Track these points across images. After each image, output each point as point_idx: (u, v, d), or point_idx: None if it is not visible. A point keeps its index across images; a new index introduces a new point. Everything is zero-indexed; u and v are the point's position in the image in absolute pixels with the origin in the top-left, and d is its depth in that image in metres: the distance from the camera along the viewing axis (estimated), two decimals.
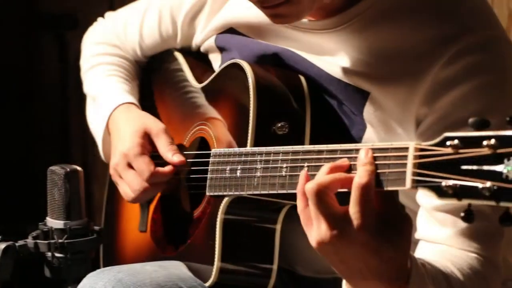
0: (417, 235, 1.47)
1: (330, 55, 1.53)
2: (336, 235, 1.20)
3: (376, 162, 1.21)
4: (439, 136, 1.32)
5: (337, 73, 1.51)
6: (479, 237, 1.41)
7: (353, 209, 1.20)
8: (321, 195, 1.21)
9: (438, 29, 1.43)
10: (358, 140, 1.51)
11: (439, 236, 1.43)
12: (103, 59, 1.86)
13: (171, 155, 1.64)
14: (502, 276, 1.45)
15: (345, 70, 1.50)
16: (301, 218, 1.25)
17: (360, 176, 1.20)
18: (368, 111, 1.49)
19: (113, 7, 1.97)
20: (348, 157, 1.26)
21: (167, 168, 1.64)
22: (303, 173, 1.27)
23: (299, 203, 1.25)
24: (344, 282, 1.30)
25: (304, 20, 1.53)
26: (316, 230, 1.22)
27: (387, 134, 1.49)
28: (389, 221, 1.21)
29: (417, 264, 1.27)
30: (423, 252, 1.44)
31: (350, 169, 1.25)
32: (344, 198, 1.23)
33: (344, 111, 1.52)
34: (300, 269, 1.67)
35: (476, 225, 1.31)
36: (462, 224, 1.41)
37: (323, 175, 1.23)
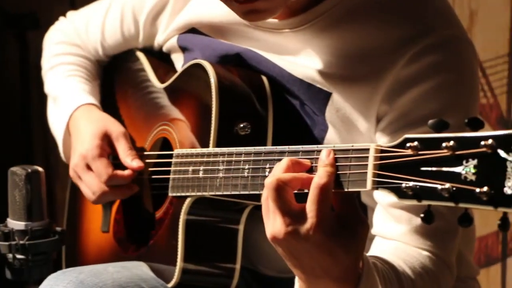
0: (373, 231, 1.48)
1: (292, 55, 1.54)
2: (290, 232, 1.21)
3: (337, 164, 1.22)
4: (398, 134, 1.34)
5: (299, 73, 1.52)
6: (433, 236, 1.43)
7: (309, 208, 1.20)
8: (280, 190, 1.21)
9: (401, 29, 1.45)
10: (320, 140, 1.52)
11: (394, 233, 1.45)
12: (63, 59, 1.85)
13: (130, 160, 1.65)
14: (454, 275, 1.47)
15: (308, 70, 1.51)
16: (262, 208, 1.26)
17: (320, 177, 1.20)
18: (330, 111, 1.50)
19: (74, 7, 1.96)
20: (309, 158, 1.27)
21: (126, 172, 1.65)
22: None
23: (263, 194, 1.25)
24: (296, 279, 1.31)
25: (269, 20, 1.53)
26: (271, 224, 1.23)
27: (349, 134, 1.50)
28: (346, 223, 1.22)
29: (368, 264, 1.28)
30: (378, 248, 1.46)
31: (311, 169, 1.26)
32: (302, 199, 1.23)
33: (306, 111, 1.53)
34: (263, 269, 1.67)
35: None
36: (417, 222, 1.43)
37: (282, 170, 1.23)
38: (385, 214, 1.46)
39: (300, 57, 1.52)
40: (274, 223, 1.22)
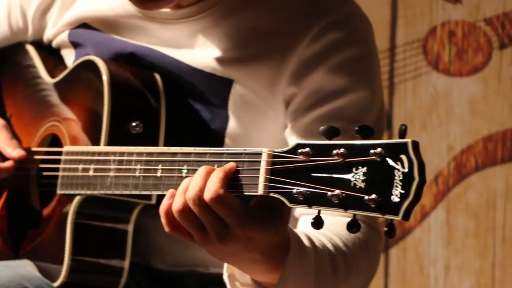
0: (297, 212, 1.50)
1: (190, 46, 1.53)
2: (220, 249, 1.23)
3: None
4: (309, 113, 1.37)
5: (198, 63, 1.52)
6: None
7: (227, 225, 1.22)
8: (220, 204, 1.21)
9: (300, 10, 1.49)
10: (221, 132, 1.52)
11: None
12: None
13: (11, 150, 1.61)
14: (382, 235, 1.50)
15: (207, 60, 1.51)
16: (184, 219, 1.25)
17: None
18: (234, 99, 1.51)
19: None
20: (200, 161, 1.27)
21: (7, 164, 1.61)
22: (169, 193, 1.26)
23: (194, 207, 1.24)
24: (225, 268, 1.33)
25: (164, 10, 1.52)
26: (204, 236, 1.24)
27: (254, 121, 1.51)
28: (263, 210, 1.23)
29: (293, 233, 1.30)
30: (304, 226, 1.47)
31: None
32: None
33: (206, 105, 1.53)
34: (155, 263, 1.67)
35: None
36: None
37: (221, 181, 1.22)
38: None
39: (197, 47, 1.52)
40: (205, 238, 1.23)
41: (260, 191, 1.20)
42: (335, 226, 1.42)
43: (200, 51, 1.52)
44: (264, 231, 1.22)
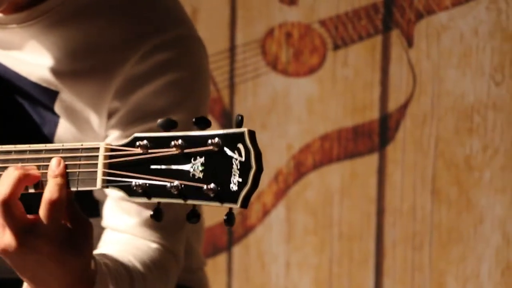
0: (103, 223, 1.49)
1: (19, 50, 1.49)
2: (22, 246, 1.20)
3: (67, 163, 1.22)
4: (128, 129, 1.35)
5: (25, 71, 1.48)
6: (161, 227, 1.47)
7: (42, 223, 1.20)
8: (7, 206, 1.20)
9: (131, 27, 1.47)
10: (50, 137, 1.50)
11: (123, 225, 1.47)
12: None
13: None
14: (180, 265, 1.52)
15: (35, 68, 1.48)
16: None
17: (51, 191, 1.20)
18: (59, 110, 1.49)
19: None
20: (37, 158, 1.24)
21: None
22: None
23: None
24: (24, 286, 1.30)
25: None
26: (0, 237, 1.21)
27: (81, 131, 1.49)
28: (72, 228, 1.23)
29: (101, 267, 1.30)
30: (108, 240, 1.47)
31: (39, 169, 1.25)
32: (36, 199, 1.22)
33: (36, 109, 1.50)
34: None
35: None
36: (147, 214, 1.46)
37: (7, 184, 1.21)
38: (115, 207, 1.48)
39: (27, 53, 1.49)
40: (3, 237, 1.21)
41: (99, 185, 1.19)
42: (139, 251, 1.44)
43: (28, 57, 1.48)
44: (69, 252, 1.22)
